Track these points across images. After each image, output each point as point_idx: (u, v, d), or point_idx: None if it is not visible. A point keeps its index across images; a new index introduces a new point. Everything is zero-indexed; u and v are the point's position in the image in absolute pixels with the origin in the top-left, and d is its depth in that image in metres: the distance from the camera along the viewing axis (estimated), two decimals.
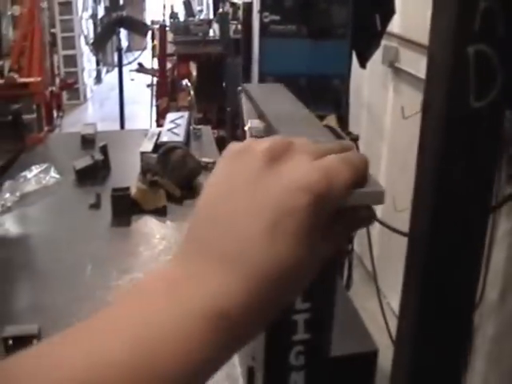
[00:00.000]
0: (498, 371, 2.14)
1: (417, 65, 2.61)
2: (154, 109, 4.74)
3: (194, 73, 4.56)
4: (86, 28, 7.72)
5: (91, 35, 7.38)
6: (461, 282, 0.69)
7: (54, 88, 3.96)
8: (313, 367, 0.60)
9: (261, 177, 0.37)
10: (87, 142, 2.35)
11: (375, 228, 2.46)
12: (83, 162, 2.06)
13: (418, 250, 0.68)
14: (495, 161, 0.70)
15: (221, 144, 3.39)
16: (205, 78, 4.37)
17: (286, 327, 0.59)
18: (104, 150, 2.11)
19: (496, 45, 0.64)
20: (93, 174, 2.01)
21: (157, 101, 4.60)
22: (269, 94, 0.77)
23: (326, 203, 0.37)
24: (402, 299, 0.70)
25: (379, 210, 2.68)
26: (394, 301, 2.18)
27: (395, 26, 2.89)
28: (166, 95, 4.44)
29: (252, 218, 0.36)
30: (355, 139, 1.88)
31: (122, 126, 4.78)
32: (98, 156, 2.08)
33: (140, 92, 6.36)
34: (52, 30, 5.96)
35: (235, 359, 1.02)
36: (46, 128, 2.63)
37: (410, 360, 0.66)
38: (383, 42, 2.77)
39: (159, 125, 3.69)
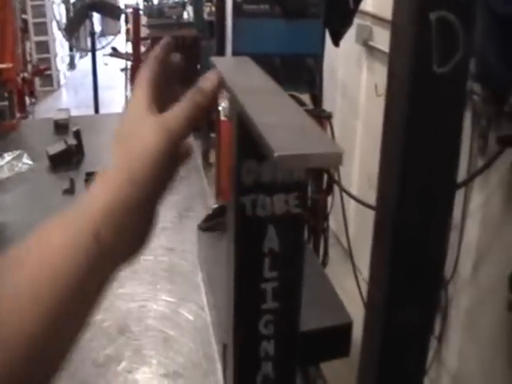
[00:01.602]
0: (472, 342, 2.18)
1: None
2: (129, 93, 4.68)
3: None
4: (59, 13, 7.58)
5: (64, 20, 7.25)
6: (429, 250, 0.70)
7: (26, 74, 3.88)
8: (282, 336, 0.61)
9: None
10: (60, 127, 2.32)
11: (351, 205, 2.47)
12: (56, 147, 2.04)
13: (385, 220, 0.68)
14: (461, 126, 0.70)
15: (196, 127, 3.36)
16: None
17: (254, 296, 0.59)
18: (77, 134, 2.08)
19: (457, 10, 0.65)
20: (66, 160, 1.99)
21: (131, 85, 4.55)
22: (235, 67, 0.76)
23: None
24: (371, 268, 0.71)
25: (355, 187, 2.71)
26: None
27: (368, 4, 2.89)
28: None
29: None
30: (328, 117, 1.88)
31: (97, 111, 4.72)
32: (72, 141, 2.05)
33: (114, 77, 6.28)
34: (23, 16, 5.85)
35: (211, 337, 1.02)
36: (18, 115, 2.59)
37: (380, 327, 0.67)
38: (357, 21, 2.77)
39: None
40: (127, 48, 5.17)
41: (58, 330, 0.42)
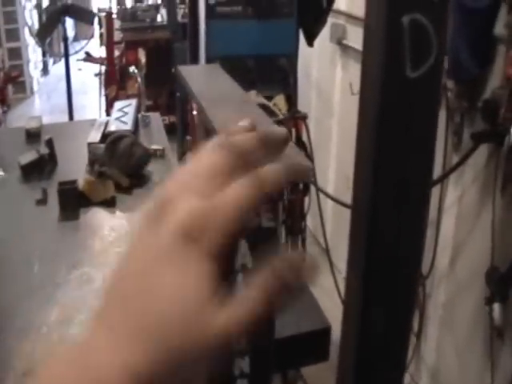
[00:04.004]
0: (450, 336, 2.19)
1: None
2: (103, 98, 4.63)
3: (143, 59, 4.47)
4: (31, 19, 7.47)
5: (36, 26, 7.14)
6: (404, 249, 0.69)
7: None
8: (256, 351, 0.59)
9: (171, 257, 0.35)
10: (32, 136, 2.27)
11: (328, 205, 2.47)
12: (28, 156, 1.99)
13: (360, 220, 0.67)
14: (434, 130, 0.69)
15: (172, 130, 3.34)
16: (154, 64, 4.29)
17: None
18: (50, 143, 2.04)
19: (431, 13, 0.64)
20: (39, 169, 1.95)
21: (105, 90, 4.50)
22: (202, 75, 0.74)
23: None
24: (347, 269, 0.69)
25: (331, 186, 2.70)
26: None
27: (342, 3, 2.88)
28: (115, 83, 4.35)
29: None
30: (304, 117, 1.87)
31: (71, 117, 4.65)
32: (44, 150, 2.01)
33: (89, 82, 6.21)
34: None
35: None
36: None
37: (357, 329, 0.66)
38: (331, 20, 2.76)
39: (109, 114, 3.61)
40: (101, 52, 5.11)
41: None
